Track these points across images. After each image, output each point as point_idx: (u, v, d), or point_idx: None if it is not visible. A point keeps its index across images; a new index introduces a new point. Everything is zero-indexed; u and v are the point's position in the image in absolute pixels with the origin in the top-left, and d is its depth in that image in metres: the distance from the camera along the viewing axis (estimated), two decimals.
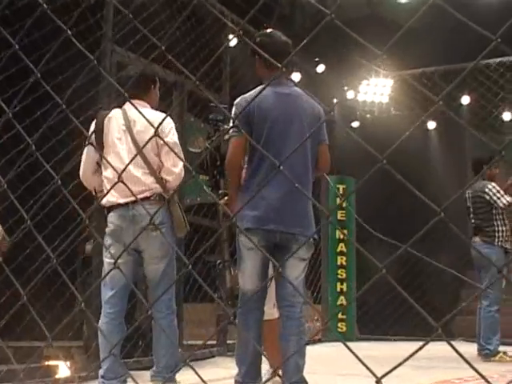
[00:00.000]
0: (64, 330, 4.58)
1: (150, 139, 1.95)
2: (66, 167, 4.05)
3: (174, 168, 4.44)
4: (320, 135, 4.09)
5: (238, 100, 3.99)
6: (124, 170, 2.07)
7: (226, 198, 4.42)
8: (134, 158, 4.28)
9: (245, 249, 3.90)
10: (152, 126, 1.91)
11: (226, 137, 4.13)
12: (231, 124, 4.03)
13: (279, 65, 1.60)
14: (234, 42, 8.15)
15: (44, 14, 2.06)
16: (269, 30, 4.12)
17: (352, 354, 1.29)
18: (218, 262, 5.64)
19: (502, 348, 7.08)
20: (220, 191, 4.71)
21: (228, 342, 7.40)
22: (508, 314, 7.44)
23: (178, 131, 4.62)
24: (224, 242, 6.76)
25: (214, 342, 7.53)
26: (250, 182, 3.93)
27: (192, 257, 5.66)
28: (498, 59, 10.31)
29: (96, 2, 5.86)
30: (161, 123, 2.45)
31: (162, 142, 4.32)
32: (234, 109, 3.95)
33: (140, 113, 2.08)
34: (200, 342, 7.43)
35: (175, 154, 4.25)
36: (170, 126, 4.51)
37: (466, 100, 12.54)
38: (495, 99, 11.54)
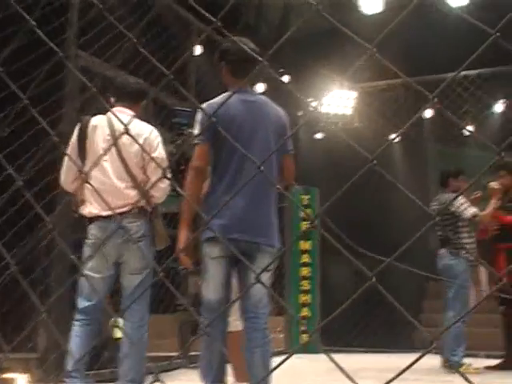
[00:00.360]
0: (23, 341, 4.49)
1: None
2: (26, 170, 3.97)
3: (162, 184, 4.40)
4: (285, 145, 4.05)
5: (203, 106, 3.95)
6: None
7: None
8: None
9: (208, 258, 3.85)
10: (138, 143, 1.85)
11: (192, 142, 4.07)
12: (196, 131, 3.96)
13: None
14: (200, 50, 8.13)
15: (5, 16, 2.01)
16: (236, 37, 4.07)
17: (337, 366, 1.26)
18: (181, 267, 5.55)
19: (466, 360, 7.12)
20: None
21: (191, 353, 7.33)
22: (472, 326, 7.48)
23: None
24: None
25: (176, 354, 7.45)
26: (213, 189, 3.89)
27: (158, 265, 5.60)
28: (463, 72, 10.43)
29: (60, 5, 5.79)
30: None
31: (149, 156, 4.29)
32: (198, 115, 3.92)
33: (122, 123, 1.97)
34: (161, 354, 7.35)
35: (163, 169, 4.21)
36: (157, 139, 4.46)
37: (428, 113, 12.69)
38: (459, 112, 11.66)
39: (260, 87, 9.77)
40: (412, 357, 1.24)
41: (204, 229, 3.76)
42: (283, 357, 1.32)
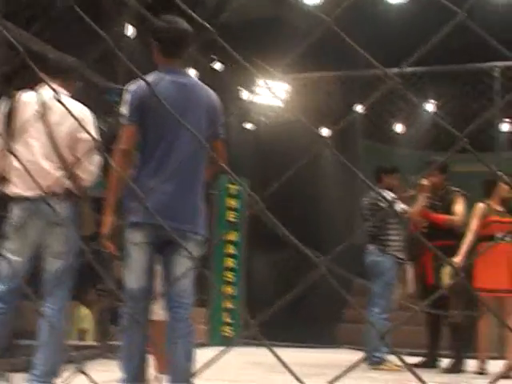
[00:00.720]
0: None
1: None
2: None
3: (90, 166, 4.26)
4: (216, 129, 3.93)
5: (130, 85, 3.84)
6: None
7: None
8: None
9: (131, 244, 3.75)
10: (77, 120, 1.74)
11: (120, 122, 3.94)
12: (123, 111, 3.82)
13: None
14: (132, 31, 7.98)
15: None
16: (169, 17, 3.96)
17: (278, 360, 1.20)
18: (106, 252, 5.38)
19: (390, 357, 7.20)
20: None
21: (110, 343, 7.18)
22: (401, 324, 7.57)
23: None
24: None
25: (95, 343, 7.31)
26: (139, 173, 3.76)
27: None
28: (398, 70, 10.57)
29: None
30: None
31: (79, 136, 4.15)
32: (126, 95, 3.81)
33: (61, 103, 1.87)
34: (79, 343, 7.20)
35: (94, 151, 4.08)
36: (88, 119, 4.30)
37: (361, 109, 12.82)
38: (392, 109, 11.82)
39: (192, 72, 9.67)
40: (335, 353, 1.20)
41: (127, 213, 3.66)
42: (205, 349, 1.25)
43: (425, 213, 7.30)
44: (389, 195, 7.20)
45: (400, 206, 7.14)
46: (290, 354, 7.56)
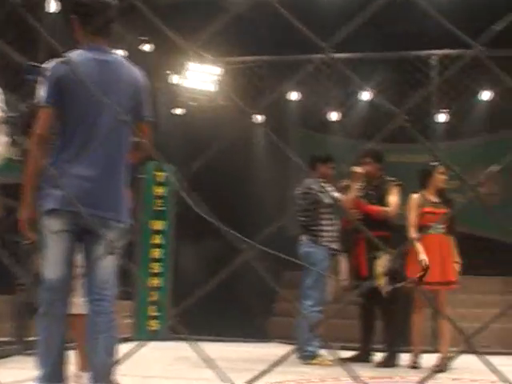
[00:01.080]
0: None
1: None
2: None
3: None
4: (141, 111, 3.82)
5: (49, 64, 3.68)
6: None
7: None
8: None
9: (49, 232, 3.61)
10: None
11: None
12: (41, 92, 3.66)
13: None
14: (54, 7, 7.77)
15: None
16: None
17: (198, 354, 1.13)
18: (25, 242, 5.18)
19: (322, 351, 7.23)
20: None
21: (27, 339, 6.99)
22: (330, 316, 7.60)
23: None
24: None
25: (10, 339, 7.11)
26: (58, 157, 3.62)
27: None
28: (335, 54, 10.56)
29: None
30: None
31: None
32: (44, 74, 3.65)
33: None
34: None
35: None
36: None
37: (295, 95, 12.82)
38: (327, 97, 11.85)
39: (120, 53, 9.47)
40: (266, 347, 1.14)
41: (44, 200, 3.53)
42: (130, 344, 1.17)
43: (358, 203, 7.34)
44: (323, 184, 7.24)
45: (333, 195, 7.16)
46: (219, 349, 7.56)
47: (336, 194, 7.17)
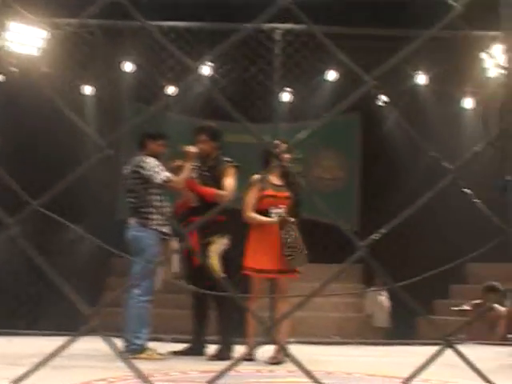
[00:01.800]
0: None
1: None
2: None
3: None
4: None
5: None
6: None
7: None
8: None
9: None
10: None
11: None
12: None
13: None
14: None
15: None
16: None
17: None
18: None
19: (151, 344, 7.16)
20: None
21: None
22: (160, 306, 7.55)
23: None
24: None
25: None
26: None
27: None
28: (171, 23, 10.43)
29: None
30: None
31: None
32: None
33: None
34: None
35: None
36: None
37: (129, 66, 12.59)
38: (164, 70, 11.72)
39: None
40: (89, 341, 1.09)
41: None
42: None
43: (192, 184, 7.30)
44: (153, 162, 7.10)
45: (164, 175, 7.05)
46: (40, 344, 7.32)
47: (167, 174, 7.08)
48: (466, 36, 8.77)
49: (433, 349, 1.38)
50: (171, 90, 13.05)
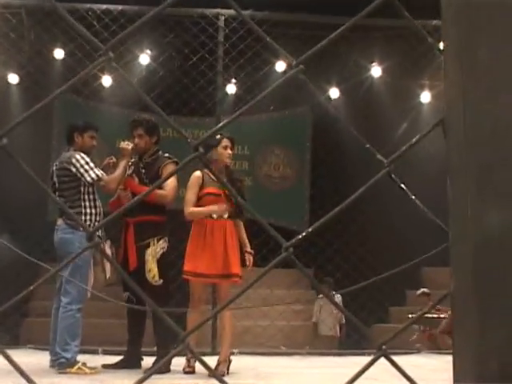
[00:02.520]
0: None
1: None
2: None
3: None
4: None
5: None
6: None
7: None
8: None
9: None
10: None
11: None
12: None
13: None
14: None
15: None
16: None
17: None
18: None
19: (80, 357, 7.04)
20: None
21: None
22: (92, 316, 7.46)
23: None
24: None
25: None
26: None
27: None
28: (109, 6, 10.33)
29: None
30: None
31: None
32: None
33: None
34: None
35: None
36: None
37: (60, 53, 12.40)
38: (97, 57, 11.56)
39: None
40: (15, 354, 1.06)
41: None
42: None
43: (130, 183, 7.23)
44: (83, 159, 6.96)
45: (95, 173, 6.94)
46: None
47: (98, 172, 6.99)
48: (424, 26, 8.83)
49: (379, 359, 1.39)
50: (107, 80, 12.93)
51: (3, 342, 9.49)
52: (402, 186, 1.47)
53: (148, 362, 7.24)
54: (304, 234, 1.45)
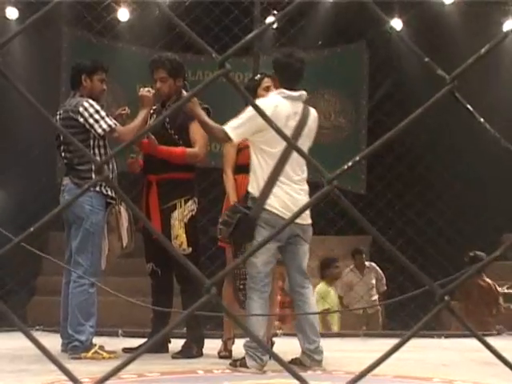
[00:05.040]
0: None
1: None
2: None
3: None
4: None
5: None
6: None
7: None
8: None
9: None
10: None
11: None
12: None
13: None
14: None
15: None
16: None
17: None
18: None
19: (97, 340, 7.07)
20: None
21: None
22: (109, 292, 7.44)
23: None
24: None
25: None
26: None
27: None
28: None
29: None
30: None
31: None
32: None
33: None
34: None
35: None
36: None
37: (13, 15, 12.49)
38: None
39: None
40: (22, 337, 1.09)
41: None
42: None
43: (150, 145, 7.07)
44: (93, 107, 6.79)
45: (107, 122, 6.85)
46: None
47: (110, 122, 6.89)
48: None
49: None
50: (122, 12, 12.88)
51: (7, 323, 9.62)
52: (468, 106, 1.45)
53: (177, 345, 7.25)
54: (350, 163, 1.43)
